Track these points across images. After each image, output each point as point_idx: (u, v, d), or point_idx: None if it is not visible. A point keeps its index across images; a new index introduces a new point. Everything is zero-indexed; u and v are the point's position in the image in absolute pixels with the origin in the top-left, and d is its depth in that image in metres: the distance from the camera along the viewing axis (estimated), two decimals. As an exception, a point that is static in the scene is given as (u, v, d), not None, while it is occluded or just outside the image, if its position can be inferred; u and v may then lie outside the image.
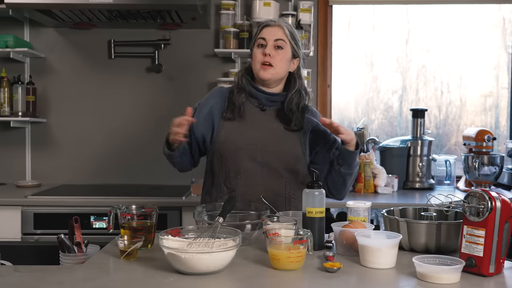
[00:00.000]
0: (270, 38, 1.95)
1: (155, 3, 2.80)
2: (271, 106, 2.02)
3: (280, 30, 1.97)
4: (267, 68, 1.94)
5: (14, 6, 2.84)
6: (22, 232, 2.70)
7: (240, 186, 1.95)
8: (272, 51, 1.94)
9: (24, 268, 1.44)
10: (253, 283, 1.34)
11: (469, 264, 1.38)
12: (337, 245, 1.62)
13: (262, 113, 2.01)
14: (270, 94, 2.01)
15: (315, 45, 3.35)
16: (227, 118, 1.99)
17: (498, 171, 3.09)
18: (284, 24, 1.99)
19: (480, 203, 1.38)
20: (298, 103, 2.00)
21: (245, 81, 2.01)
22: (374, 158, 3.09)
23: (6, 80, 3.18)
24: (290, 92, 2.00)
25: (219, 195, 1.97)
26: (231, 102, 2.01)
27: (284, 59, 1.97)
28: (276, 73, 1.96)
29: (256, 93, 2.00)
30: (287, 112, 1.99)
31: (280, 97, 2.01)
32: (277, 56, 1.94)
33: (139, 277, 1.38)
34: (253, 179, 1.94)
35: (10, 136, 3.34)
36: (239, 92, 2.01)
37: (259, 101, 2.01)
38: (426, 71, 3.57)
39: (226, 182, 1.97)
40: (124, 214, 1.71)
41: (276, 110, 2.02)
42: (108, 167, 3.35)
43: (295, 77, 2.03)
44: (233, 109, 1.99)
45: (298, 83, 2.03)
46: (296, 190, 1.97)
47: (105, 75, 3.37)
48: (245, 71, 2.04)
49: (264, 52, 1.94)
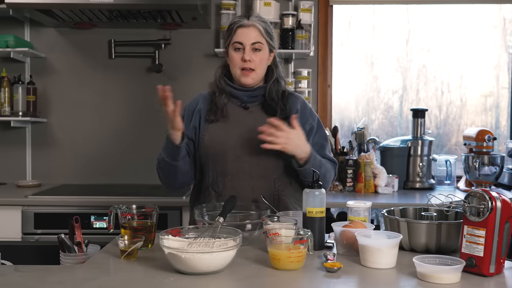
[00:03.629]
0: (247, 42, 1.91)
1: (156, 3, 2.80)
2: (253, 102, 1.99)
3: (256, 30, 1.92)
4: (248, 73, 1.92)
5: (14, 6, 2.84)
6: (23, 232, 2.70)
7: (228, 188, 1.91)
8: (251, 55, 1.91)
9: (24, 268, 1.44)
10: (253, 283, 1.34)
11: (470, 264, 1.38)
12: (338, 245, 1.62)
13: (245, 111, 1.98)
14: (251, 90, 1.98)
15: (316, 45, 3.35)
16: (211, 120, 1.96)
17: (499, 171, 3.09)
18: (257, 22, 1.93)
19: (481, 203, 1.38)
20: (278, 91, 1.98)
21: (223, 82, 1.99)
22: (374, 158, 3.09)
23: (7, 80, 3.18)
24: (269, 83, 1.98)
25: (207, 199, 1.94)
26: (213, 104, 1.98)
27: (264, 59, 1.94)
28: (257, 76, 1.94)
29: (236, 93, 1.98)
30: (270, 102, 1.96)
31: (261, 91, 1.98)
32: (256, 59, 1.92)
33: (140, 277, 1.38)
34: (240, 180, 1.91)
35: (10, 136, 3.35)
36: (220, 93, 1.98)
37: (241, 100, 1.99)
38: (426, 71, 3.57)
39: (213, 185, 1.94)
40: (124, 214, 1.71)
41: (259, 105, 1.99)
42: (108, 166, 3.35)
43: (272, 68, 2.00)
44: (215, 110, 1.96)
45: (276, 72, 2.00)
46: (286, 186, 1.95)
47: (106, 75, 3.37)
48: (222, 72, 2.01)
49: (243, 58, 1.90)
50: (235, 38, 1.92)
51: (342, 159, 3.18)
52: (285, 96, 2.00)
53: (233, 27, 1.94)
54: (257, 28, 1.92)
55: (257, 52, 1.92)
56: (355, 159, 3.09)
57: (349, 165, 3.07)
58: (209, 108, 1.98)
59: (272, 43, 1.97)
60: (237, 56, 1.92)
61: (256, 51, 1.92)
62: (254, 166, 1.92)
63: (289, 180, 1.96)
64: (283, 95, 1.99)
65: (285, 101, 1.98)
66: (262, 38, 1.92)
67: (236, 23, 1.94)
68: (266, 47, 1.94)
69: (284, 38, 3.15)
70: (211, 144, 1.93)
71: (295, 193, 1.98)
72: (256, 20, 1.94)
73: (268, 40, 1.94)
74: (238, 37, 1.92)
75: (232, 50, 1.94)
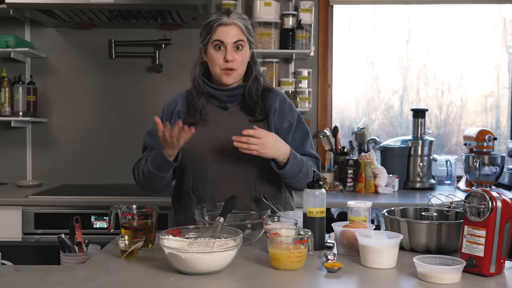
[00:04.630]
0: (228, 41, 1.84)
1: (156, 3, 2.80)
2: (233, 101, 1.93)
3: (237, 28, 1.86)
4: (230, 73, 1.86)
5: (15, 6, 2.84)
6: (23, 232, 2.70)
7: (208, 193, 1.88)
8: (234, 55, 1.85)
9: (24, 268, 1.44)
10: (253, 283, 1.34)
11: (470, 264, 1.38)
12: (338, 245, 1.62)
13: (225, 112, 1.93)
14: (230, 90, 1.92)
15: (316, 45, 3.35)
16: (189, 123, 1.87)
17: (499, 171, 3.09)
18: (238, 20, 1.87)
19: (481, 203, 1.38)
20: (257, 89, 1.93)
21: (202, 82, 1.93)
22: (374, 158, 3.09)
23: (7, 80, 3.18)
24: (248, 81, 1.93)
25: (188, 204, 1.91)
26: (191, 105, 1.93)
27: (245, 57, 1.89)
28: (238, 75, 1.89)
29: (215, 93, 1.92)
30: (249, 101, 1.91)
31: (240, 90, 1.93)
32: (238, 58, 1.86)
33: (140, 277, 1.38)
34: (221, 184, 1.87)
35: (10, 136, 3.35)
36: (198, 95, 1.93)
37: (220, 100, 1.93)
38: (427, 71, 3.57)
39: (194, 190, 1.91)
40: (124, 214, 1.71)
41: (239, 105, 1.93)
42: (108, 166, 3.35)
43: (251, 65, 1.95)
44: (193, 113, 1.91)
45: (255, 69, 1.94)
46: (267, 187, 1.92)
47: (106, 75, 3.37)
48: (199, 72, 1.94)
49: (225, 58, 1.84)
50: (215, 36, 1.85)
51: (342, 159, 3.18)
52: (264, 94, 1.95)
53: (213, 25, 1.86)
54: (238, 26, 1.86)
55: (239, 51, 1.86)
56: (355, 159, 3.09)
57: (350, 165, 3.07)
58: (187, 110, 1.93)
59: (252, 39, 1.91)
60: (219, 56, 1.86)
61: (237, 50, 1.86)
62: (234, 169, 1.87)
63: (270, 181, 1.92)
64: (262, 93, 1.94)
65: (265, 99, 1.93)
66: (243, 36, 1.87)
67: (216, 20, 1.86)
68: (247, 44, 1.89)
69: (285, 38, 3.15)
70: (190, 148, 1.86)
71: (276, 194, 1.95)
72: (236, 17, 1.87)
73: (249, 38, 1.89)
74: (219, 35, 1.85)
75: (212, 48, 1.86)
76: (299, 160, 1.85)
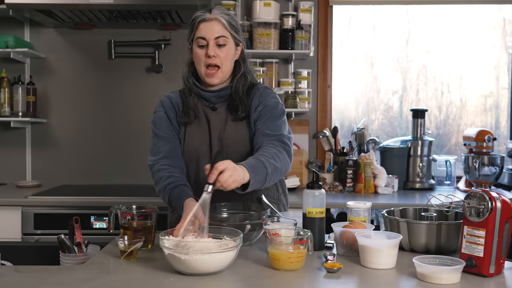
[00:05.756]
0: (210, 37, 1.81)
1: (156, 3, 2.80)
2: (221, 102, 1.91)
3: (219, 24, 1.82)
4: (214, 72, 1.83)
5: (14, 7, 2.84)
6: (23, 232, 2.70)
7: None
8: (216, 51, 1.81)
9: (24, 268, 1.44)
10: (253, 283, 1.34)
11: (470, 265, 1.38)
12: (338, 245, 1.62)
13: (213, 112, 1.91)
14: (218, 91, 1.90)
15: (316, 45, 3.35)
16: (184, 122, 1.88)
17: (499, 172, 3.09)
18: (220, 15, 1.84)
19: (481, 204, 1.38)
20: (244, 86, 1.89)
21: (191, 82, 1.91)
22: (374, 159, 3.09)
23: (7, 80, 3.18)
24: (235, 78, 1.90)
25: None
26: (184, 104, 1.91)
27: (229, 54, 1.85)
28: (222, 73, 1.85)
29: (204, 94, 1.90)
30: (235, 98, 1.88)
31: (228, 90, 1.90)
32: (221, 54, 1.82)
33: (139, 277, 1.38)
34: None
35: (10, 136, 3.34)
36: (190, 93, 1.91)
37: (209, 101, 1.91)
38: (426, 72, 3.57)
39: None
40: (124, 214, 1.71)
41: (226, 105, 1.90)
42: (108, 167, 3.35)
43: (240, 63, 1.92)
44: (187, 112, 1.90)
45: (243, 66, 1.91)
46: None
47: (106, 76, 3.37)
48: (189, 70, 1.92)
49: (207, 53, 1.81)
50: (197, 34, 1.83)
51: (342, 160, 3.19)
52: (249, 91, 1.91)
53: (195, 22, 1.84)
54: (220, 21, 1.83)
55: (222, 47, 1.83)
56: (355, 160, 3.10)
57: (349, 165, 3.07)
58: (182, 109, 1.92)
59: (238, 37, 1.88)
60: (201, 53, 1.83)
61: (220, 47, 1.82)
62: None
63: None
64: (248, 90, 1.91)
65: (249, 96, 1.90)
66: (226, 32, 1.83)
67: (198, 17, 1.84)
68: (231, 41, 1.85)
69: (284, 38, 3.15)
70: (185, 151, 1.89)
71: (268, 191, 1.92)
72: (218, 13, 1.84)
73: (233, 34, 1.85)
74: (201, 32, 1.82)
75: (196, 46, 1.84)
76: (258, 168, 1.64)
